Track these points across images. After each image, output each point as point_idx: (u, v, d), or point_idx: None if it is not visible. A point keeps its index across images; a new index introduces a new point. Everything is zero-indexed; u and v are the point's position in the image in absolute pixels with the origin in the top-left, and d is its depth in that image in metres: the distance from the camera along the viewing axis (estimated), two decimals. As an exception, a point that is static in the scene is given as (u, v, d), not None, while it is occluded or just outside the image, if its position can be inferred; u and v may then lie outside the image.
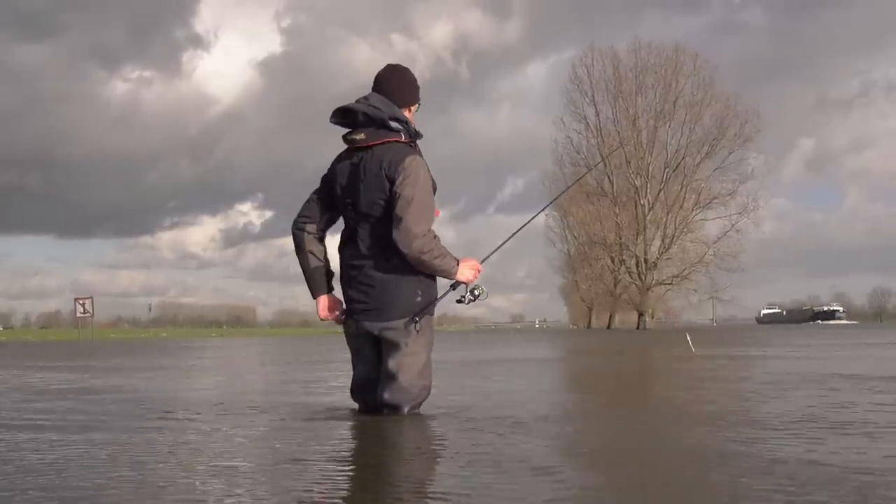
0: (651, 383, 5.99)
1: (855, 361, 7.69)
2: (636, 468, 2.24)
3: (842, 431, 2.78)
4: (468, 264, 3.27)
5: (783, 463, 2.16)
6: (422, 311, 3.18)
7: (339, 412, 3.54)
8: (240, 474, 2.18)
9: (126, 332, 57.35)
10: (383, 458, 2.46)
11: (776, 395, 4.19)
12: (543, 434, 2.85)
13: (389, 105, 3.22)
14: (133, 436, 2.94)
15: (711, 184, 48.36)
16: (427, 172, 3.17)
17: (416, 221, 3.07)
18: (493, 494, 1.87)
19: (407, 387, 3.20)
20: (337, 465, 2.32)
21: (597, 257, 50.90)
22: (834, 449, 2.39)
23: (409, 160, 3.12)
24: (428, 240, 3.10)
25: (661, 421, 3.36)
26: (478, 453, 2.43)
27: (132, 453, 2.52)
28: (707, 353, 9.36)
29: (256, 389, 5.42)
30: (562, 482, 1.99)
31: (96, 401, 4.43)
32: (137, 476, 2.14)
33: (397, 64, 3.41)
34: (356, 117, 3.20)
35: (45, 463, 2.35)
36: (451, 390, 4.54)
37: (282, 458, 2.45)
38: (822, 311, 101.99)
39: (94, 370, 8.14)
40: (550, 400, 4.39)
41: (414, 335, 3.18)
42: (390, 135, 3.19)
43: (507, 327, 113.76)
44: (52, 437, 2.91)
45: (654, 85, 49.24)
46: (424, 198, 3.11)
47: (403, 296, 3.17)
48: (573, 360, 9.66)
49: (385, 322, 3.18)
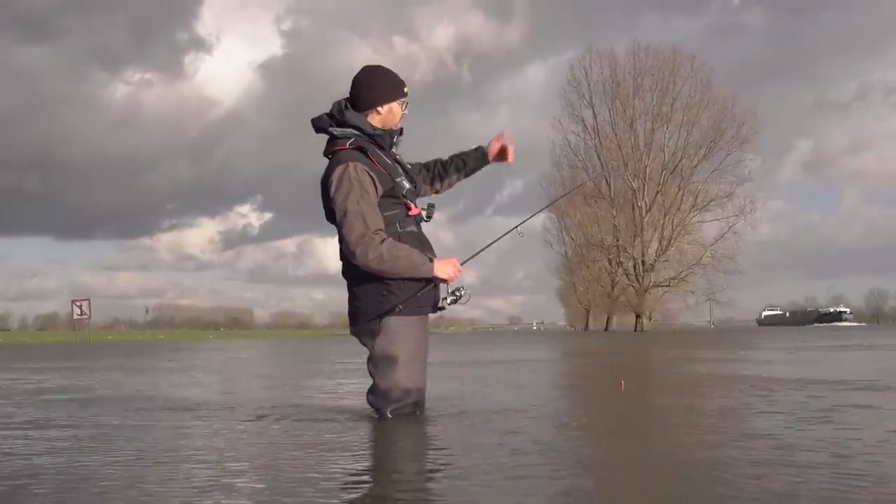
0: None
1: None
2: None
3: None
4: (448, 261, 3.23)
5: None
6: (391, 313, 3.14)
7: (336, 412, 3.56)
8: (230, 473, 2.20)
9: (123, 334, 57.21)
10: (369, 459, 2.48)
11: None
12: (538, 434, 2.88)
13: (341, 111, 3.25)
14: (127, 435, 2.97)
15: (709, 186, 48.36)
16: (361, 175, 3.10)
17: (350, 231, 3.07)
18: (488, 496, 1.90)
19: (386, 390, 3.19)
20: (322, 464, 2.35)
21: (594, 259, 50.87)
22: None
23: (336, 171, 3.13)
24: (370, 245, 3.05)
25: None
26: (470, 456, 2.46)
27: (129, 452, 2.54)
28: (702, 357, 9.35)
29: (251, 390, 5.44)
30: (557, 482, 2.02)
31: (94, 402, 4.45)
32: (118, 485, 2.16)
33: (368, 65, 3.38)
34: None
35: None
36: (442, 391, 4.56)
37: (276, 456, 2.48)
38: (828, 312, 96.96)
39: (86, 370, 8.14)
40: (546, 399, 4.41)
41: (379, 337, 3.16)
42: (336, 143, 3.23)
43: (504, 329, 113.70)
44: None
45: (651, 87, 49.26)
46: (354, 205, 3.07)
47: (367, 299, 3.19)
48: (565, 361, 9.68)
49: (357, 326, 3.24)
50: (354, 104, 3.28)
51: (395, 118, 3.33)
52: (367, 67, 3.38)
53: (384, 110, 3.30)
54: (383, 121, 3.30)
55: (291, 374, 7.41)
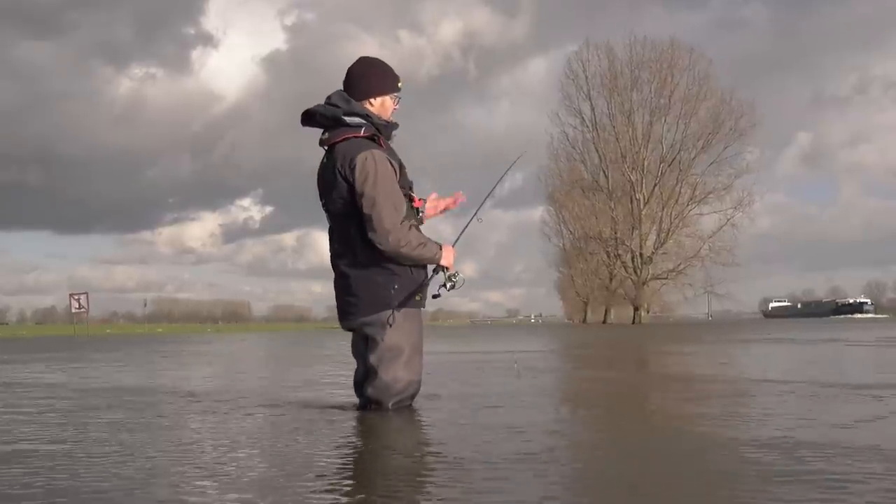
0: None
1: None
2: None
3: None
4: (448, 249, 3.26)
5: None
6: (400, 304, 3.15)
7: (331, 408, 3.56)
8: (225, 474, 2.20)
9: (121, 328, 57.21)
10: (365, 455, 2.48)
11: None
12: (535, 428, 2.88)
13: (347, 100, 3.22)
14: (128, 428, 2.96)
15: (707, 178, 48.33)
16: (385, 163, 3.11)
17: (387, 217, 3.06)
18: (486, 490, 1.90)
19: (389, 382, 3.18)
20: (321, 458, 2.35)
21: (592, 252, 50.83)
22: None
23: (360, 157, 3.09)
24: (403, 232, 3.08)
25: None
26: (467, 447, 2.46)
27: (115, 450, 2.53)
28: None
29: (246, 383, 5.43)
30: (554, 474, 2.02)
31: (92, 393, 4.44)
32: (127, 473, 2.16)
33: (364, 56, 3.37)
34: (316, 118, 3.23)
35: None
36: (440, 384, 4.56)
37: (270, 455, 2.47)
38: (846, 303, 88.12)
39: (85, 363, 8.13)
40: (541, 395, 4.42)
41: (390, 329, 3.15)
42: (348, 131, 3.18)
43: (502, 322, 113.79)
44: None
45: (649, 79, 49.14)
46: (387, 191, 3.07)
47: (377, 290, 3.17)
48: (555, 354, 9.70)
49: (362, 318, 3.20)
50: (348, 94, 3.26)
51: (385, 112, 3.29)
52: (362, 58, 3.36)
53: (377, 102, 3.27)
54: (375, 113, 3.25)
55: (289, 366, 7.40)
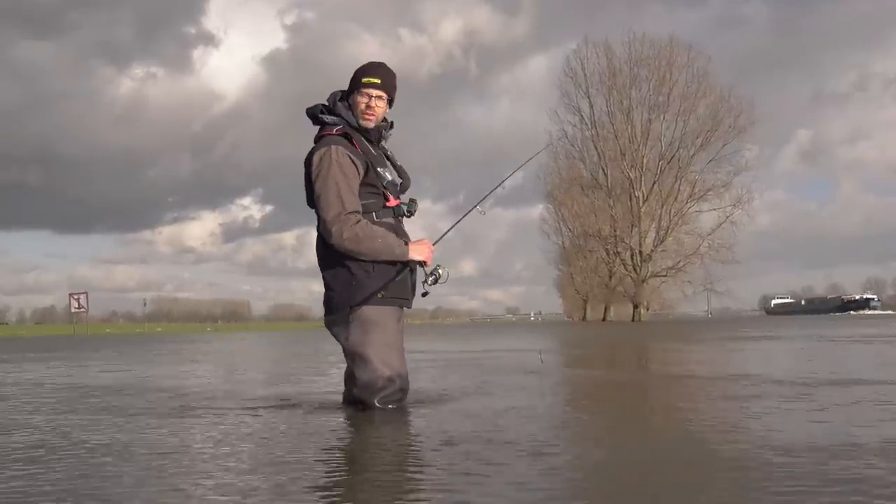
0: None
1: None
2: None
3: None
4: (421, 243, 3.24)
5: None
6: (362, 302, 3.12)
7: (326, 407, 3.56)
8: (222, 471, 2.20)
9: (121, 327, 57.22)
10: (357, 452, 2.48)
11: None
12: (530, 419, 2.88)
13: (334, 101, 3.28)
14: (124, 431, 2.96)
15: (706, 176, 48.31)
16: (342, 158, 3.10)
17: (328, 208, 3.08)
18: (484, 483, 1.90)
19: (369, 381, 3.16)
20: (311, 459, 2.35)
21: (591, 250, 50.82)
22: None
23: (317, 154, 3.15)
24: (345, 224, 3.06)
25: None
26: (465, 441, 2.46)
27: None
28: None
29: (243, 383, 5.44)
30: (554, 468, 2.02)
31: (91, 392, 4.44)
32: (117, 470, 2.16)
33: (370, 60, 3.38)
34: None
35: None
36: (431, 381, 4.56)
37: (268, 453, 2.47)
38: (853, 299, 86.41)
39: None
40: (535, 390, 4.42)
41: (356, 326, 3.14)
42: (323, 129, 3.26)
43: (502, 320, 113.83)
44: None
45: (648, 77, 49.09)
46: (331, 184, 3.07)
47: (340, 287, 3.17)
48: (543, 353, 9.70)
49: (330, 315, 3.23)
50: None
51: (357, 110, 3.26)
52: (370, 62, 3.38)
53: (352, 103, 3.29)
54: (345, 112, 3.27)
55: (283, 366, 7.40)
